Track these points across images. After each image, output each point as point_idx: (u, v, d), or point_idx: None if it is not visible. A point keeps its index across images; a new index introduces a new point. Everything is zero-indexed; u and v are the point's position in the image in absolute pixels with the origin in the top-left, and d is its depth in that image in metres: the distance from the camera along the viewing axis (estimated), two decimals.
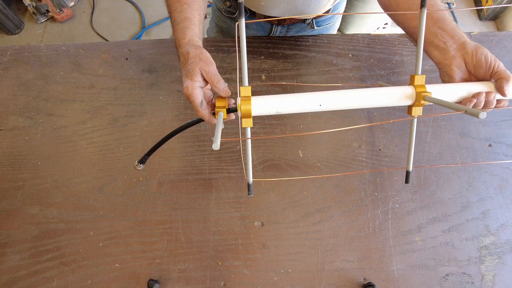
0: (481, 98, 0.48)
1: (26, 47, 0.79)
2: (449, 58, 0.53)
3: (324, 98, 0.49)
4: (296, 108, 0.49)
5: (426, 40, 0.55)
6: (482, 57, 0.50)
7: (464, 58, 0.52)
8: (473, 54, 0.51)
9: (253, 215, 0.66)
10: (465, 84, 0.51)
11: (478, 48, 0.51)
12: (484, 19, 1.95)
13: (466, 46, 0.52)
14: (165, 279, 0.62)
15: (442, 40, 0.53)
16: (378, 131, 0.72)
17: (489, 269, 0.63)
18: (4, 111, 0.74)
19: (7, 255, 0.63)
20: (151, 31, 1.96)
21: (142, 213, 0.66)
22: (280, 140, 0.71)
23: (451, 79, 0.53)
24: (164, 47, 0.79)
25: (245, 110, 0.47)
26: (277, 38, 0.79)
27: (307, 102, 0.49)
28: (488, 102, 0.49)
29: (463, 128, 0.72)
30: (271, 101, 0.49)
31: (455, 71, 0.53)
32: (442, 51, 0.54)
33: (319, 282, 0.62)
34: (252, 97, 0.48)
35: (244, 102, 0.47)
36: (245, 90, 0.48)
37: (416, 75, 0.49)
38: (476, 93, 0.49)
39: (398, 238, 0.65)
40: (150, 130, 0.72)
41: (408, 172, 0.55)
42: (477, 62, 0.51)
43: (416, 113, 0.50)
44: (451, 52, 0.53)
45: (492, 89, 0.49)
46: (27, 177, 0.68)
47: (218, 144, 0.40)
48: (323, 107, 0.49)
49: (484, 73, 0.51)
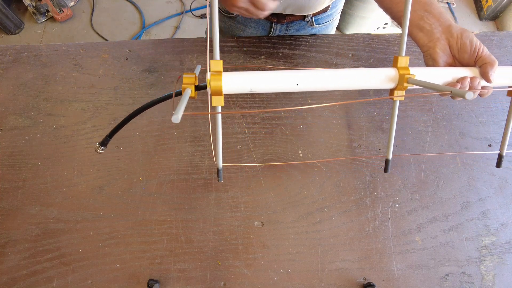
0: (466, 84, 0.47)
1: (26, 47, 0.79)
2: (433, 40, 0.52)
3: (301, 77, 0.45)
4: (272, 87, 0.46)
5: (412, 22, 0.54)
6: (467, 41, 0.49)
7: (449, 41, 0.51)
8: (458, 38, 0.50)
9: (253, 215, 0.66)
10: (449, 69, 0.49)
11: (464, 32, 0.50)
12: (484, 19, 1.95)
13: (452, 29, 0.51)
14: (165, 279, 0.62)
15: (428, 22, 0.53)
16: (378, 131, 0.72)
17: (489, 269, 0.63)
18: (4, 111, 0.74)
19: (7, 255, 0.63)
20: (151, 31, 1.96)
21: (142, 213, 0.66)
22: (280, 140, 0.71)
23: (435, 63, 0.52)
24: (164, 47, 0.79)
25: (215, 87, 0.42)
26: (277, 38, 0.79)
27: (283, 80, 0.45)
28: (473, 88, 0.48)
29: (463, 128, 0.72)
30: (244, 77, 0.44)
31: (439, 54, 0.52)
32: (427, 33, 0.53)
33: (319, 282, 0.62)
34: (224, 72, 0.44)
35: (214, 78, 0.42)
36: (216, 64, 0.43)
37: (399, 57, 0.47)
38: (461, 78, 0.48)
39: (398, 238, 0.65)
40: (150, 130, 0.72)
41: (388, 160, 0.53)
42: (462, 46, 0.50)
43: (398, 96, 0.48)
44: (436, 34, 0.52)
45: (477, 74, 0.48)
46: (27, 177, 0.68)
47: (179, 117, 0.34)
48: (300, 87, 0.45)
49: (468, 58, 0.50)
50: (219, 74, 0.43)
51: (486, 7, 1.91)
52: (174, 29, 1.96)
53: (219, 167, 0.50)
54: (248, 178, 0.68)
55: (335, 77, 0.46)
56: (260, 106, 0.73)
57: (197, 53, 0.78)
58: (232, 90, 0.45)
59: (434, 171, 0.69)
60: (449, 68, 0.50)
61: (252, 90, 0.45)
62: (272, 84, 0.45)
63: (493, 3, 1.84)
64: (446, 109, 0.74)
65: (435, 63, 0.53)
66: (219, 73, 0.43)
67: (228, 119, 0.72)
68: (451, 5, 2.01)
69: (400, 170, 0.69)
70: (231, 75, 0.45)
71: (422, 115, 0.73)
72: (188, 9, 2.01)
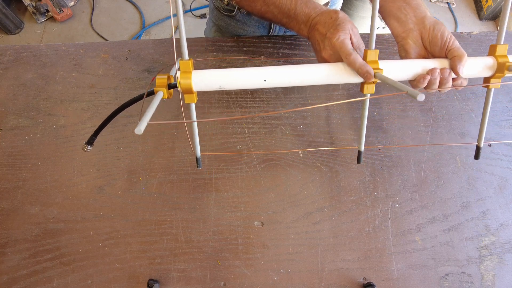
0: (436, 75, 0.47)
1: (26, 47, 0.79)
2: (406, 31, 0.52)
3: (268, 73, 0.47)
4: (240, 83, 0.47)
5: (390, 12, 0.55)
6: (438, 33, 0.50)
7: (421, 32, 0.51)
8: (430, 30, 0.51)
9: (253, 215, 0.66)
10: (419, 60, 0.49)
11: (436, 24, 0.51)
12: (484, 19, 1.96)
13: (425, 21, 0.51)
14: (165, 279, 0.62)
15: (404, 13, 0.53)
16: (378, 131, 0.72)
17: (489, 269, 0.63)
18: (4, 111, 0.74)
19: (7, 255, 0.63)
20: (150, 31, 1.96)
21: (142, 213, 0.66)
22: (280, 140, 0.71)
23: (407, 54, 0.53)
24: (164, 47, 0.79)
25: (185, 85, 0.45)
26: (277, 37, 0.79)
27: (251, 77, 0.47)
28: (444, 79, 0.48)
29: (463, 128, 0.72)
30: (213, 75, 0.46)
31: (411, 45, 0.52)
32: (402, 24, 0.53)
33: (319, 282, 0.62)
34: (193, 71, 0.46)
35: (184, 77, 0.45)
36: (184, 64, 0.45)
37: (369, 50, 0.47)
38: (431, 69, 0.48)
39: (398, 238, 0.65)
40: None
41: (360, 152, 0.54)
42: (433, 38, 0.50)
43: (369, 91, 0.48)
44: (410, 25, 0.52)
45: (447, 66, 0.48)
46: (27, 177, 0.68)
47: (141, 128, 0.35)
48: (268, 83, 0.47)
49: (439, 50, 0.50)
50: (189, 73, 0.45)
51: (486, 7, 1.91)
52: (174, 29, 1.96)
53: (198, 156, 0.52)
54: (248, 178, 0.68)
55: (303, 73, 0.47)
56: (260, 106, 0.73)
57: (197, 53, 0.78)
58: (202, 87, 0.46)
59: (434, 171, 0.69)
60: (419, 60, 0.50)
61: (222, 87, 0.47)
62: (240, 81, 0.47)
63: (493, 3, 1.84)
64: (446, 109, 0.74)
65: (407, 54, 0.53)
66: (188, 72, 0.45)
67: (228, 119, 0.72)
68: (451, 5, 2.01)
69: (400, 170, 0.69)
70: (200, 73, 0.46)
71: (422, 115, 0.73)
72: (188, 9, 2.01)
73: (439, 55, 0.51)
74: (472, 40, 0.79)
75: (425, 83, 0.48)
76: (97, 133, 0.56)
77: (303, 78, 0.47)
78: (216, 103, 0.74)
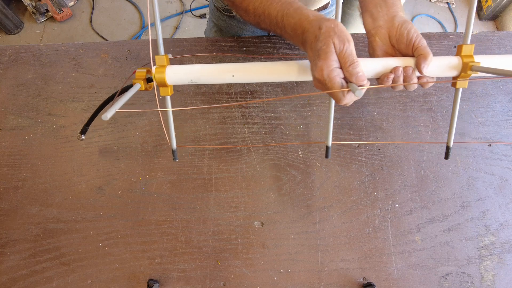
0: (399, 73, 0.47)
1: (26, 47, 0.79)
2: (376, 28, 0.52)
3: (236, 69, 0.49)
4: (210, 78, 0.50)
5: (366, 8, 0.55)
6: (405, 31, 0.50)
7: (389, 30, 0.51)
8: (398, 28, 0.50)
9: (253, 215, 0.66)
10: (382, 59, 0.50)
11: (404, 23, 0.50)
12: (484, 19, 1.96)
13: (395, 19, 0.51)
14: (164, 279, 0.62)
15: (378, 10, 0.53)
16: (378, 131, 0.72)
17: (489, 269, 0.63)
18: (4, 111, 0.73)
19: (6, 255, 0.63)
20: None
21: (141, 213, 0.66)
22: (280, 140, 0.71)
23: (374, 52, 0.53)
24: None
25: (159, 79, 0.49)
26: (277, 37, 0.79)
27: (220, 72, 0.49)
28: (407, 77, 0.48)
29: (462, 128, 0.72)
30: (184, 70, 0.50)
31: (378, 43, 0.52)
32: (373, 20, 0.53)
33: (319, 282, 0.62)
34: (168, 66, 0.49)
35: (159, 71, 0.49)
36: (160, 59, 0.49)
37: None
38: (394, 67, 0.48)
39: (398, 238, 0.65)
40: (149, 130, 0.72)
41: (328, 147, 0.56)
42: (400, 36, 0.50)
43: None
44: (380, 22, 0.52)
45: (412, 64, 0.48)
46: (27, 177, 0.68)
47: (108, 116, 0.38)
48: (236, 78, 0.49)
49: (405, 48, 0.50)
50: (164, 67, 0.49)
51: (486, 7, 1.91)
52: (174, 29, 1.96)
53: (173, 148, 0.55)
54: (248, 178, 0.68)
55: (269, 70, 0.49)
56: (260, 106, 0.73)
57: (197, 53, 0.78)
58: (175, 81, 0.50)
59: (434, 171, 0.69)
60: (382, 58, 0.50)
61: (193, 81, 0.50)
62: (210, 76, 0.50)
63: (493, 3, 1.84)
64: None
65: (374, 52, 0.53)
66: (163, 67, 0.49)
67: (228, 119, 0.72)
68: (451, 5, 2.01)
69: (400, 170, 0.69)
70: (173, 68, 0.49)
71: (422, 115, 0.73)
72: (188, 9, 2.01)
73: (405, 53, 0.51)
74: (472, 40, 0.79)
75: (389, 81, 0.48)
76: (90, 123, 0.62)
77: (272, 75, 0.49)
78: (216, 103, 0.74)
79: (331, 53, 0.42)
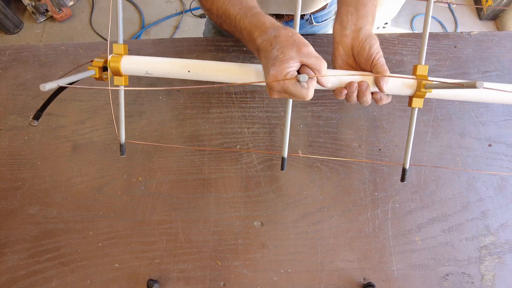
0: (353, 89, 0.47)
1: (25, 47, 0.79)
2: (341, 36, 0.52)
3: (193, 65, 0.49)
4: (165, 71, 0.50)
5: (339, 14, 0.55)
6: (367, 46, 0.49)
7: (353, 42, 0.51)
8: (361, 41, 0.50)
9: (253, 215, 0.66)
10: (336, 71, 0.51)
11: (368, 37, 0.50)
12: (484, 19, 1.96)
13: (360, 32, 0.51)
14: (164, 279, 0.62)
15: (348, 18, 0.53)
16: (378, 131, 0.72)
17: (489, 269, 0.63)
18: (3, 110, 0.73)
19: (6, 255, 0.63)
20: (150, 30, 1.96)
21: (141, 213, 0.66)
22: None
23: (335, 59, 0.53)
24: (163, 47, 0.79)
25: (113, 67, 0.48)
26: None
27: (176, 66, 0.49)
28: (361, 92, 0.48)
29: (463, 128, 0.72)
30: (141, 61, 0.49)
31: (341, 51, 0.52)
32: (341, 28, 0.53)
33: (319, 282, 0.62)
34: (124, 55, 0.49)
35: (114, 59, 0.48)
36: (117, 48, 0.49)
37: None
38: (348, 83, 0.48)
39: (398, 238, 0.65)
40: (149, 130, 0.71)
41: (283, 158, 0.56)
42: (361, 50, 0.50)
43: None
44: (347, 31, 0.52)
45: (366, 80, 0.48)
46: (26, 177, 0.68)
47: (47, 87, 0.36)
48: (192, 74, 0.49)
49: (364, 63, 0.50)
50: (120, 56, 0.48)
51: (486, 7, 1.91)
52: (174, 29, 1.96)
53: (121, 142, 0.54)
54: (248, 178, 0.68)
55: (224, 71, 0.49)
56: (260, 106, 0.73)
57: (197, 53, 0.78)
58: (130, 71, 0.49)
59: (434, 171, 0.69)
60: (336, 71, 0.51)
61: (148, 73, 0.50)
62: (166, 69, 0.49)
63: (493, 3, 1.84)
64: (446, 109, 0.74)
65: (335, 60, 0.53)
66: (119, 56, 0.48)
67: (228, 119, 0.72)
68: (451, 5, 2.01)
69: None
70: (129, 58, 0.49)
71: (422, 115, 0.73)
72: (187, 9, 2.01)
73: (364, 67, 0.51)
74: (472, 40, 0.79)
75: (342, 96, 0.49)
76: (43, 108, 0.60)
77: (228, 75, 0.49)
78: (216, 103, 0.73)
79: (287, 62, 0.42)
